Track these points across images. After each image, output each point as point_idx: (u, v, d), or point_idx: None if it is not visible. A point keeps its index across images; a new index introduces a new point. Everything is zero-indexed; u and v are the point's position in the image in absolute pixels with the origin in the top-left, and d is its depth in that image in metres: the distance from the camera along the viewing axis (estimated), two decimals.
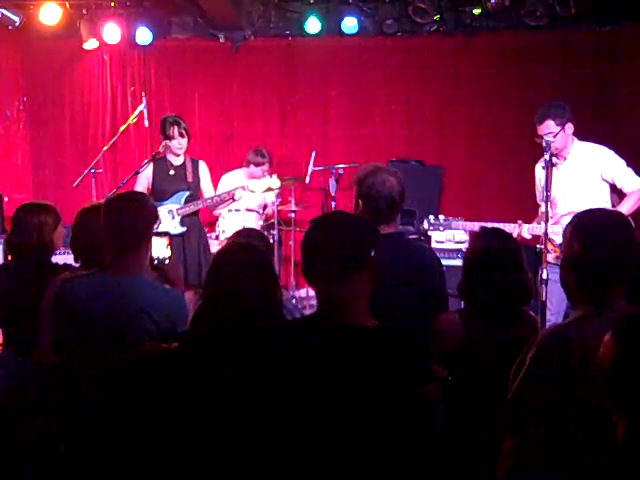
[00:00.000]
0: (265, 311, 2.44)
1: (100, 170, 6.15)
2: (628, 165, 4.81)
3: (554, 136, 4.64)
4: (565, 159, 4.85)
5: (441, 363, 2.77)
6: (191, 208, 5.57)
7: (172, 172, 5.68)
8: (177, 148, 5.65)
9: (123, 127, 6.29)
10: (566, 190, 4.81)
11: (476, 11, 7.33)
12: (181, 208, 5.55)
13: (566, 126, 4.73)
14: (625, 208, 4.59)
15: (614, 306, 2.18)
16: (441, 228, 4.93)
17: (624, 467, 1.62)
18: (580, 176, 4.79)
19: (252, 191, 5.78)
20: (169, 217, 5.47)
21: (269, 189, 5.90)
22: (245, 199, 6.83)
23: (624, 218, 2.47)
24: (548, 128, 4.71)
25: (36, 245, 3.55)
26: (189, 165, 5.70)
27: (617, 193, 4.82)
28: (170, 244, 3.25)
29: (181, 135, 5.64)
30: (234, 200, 5.85)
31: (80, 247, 3.26)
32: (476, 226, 4.79)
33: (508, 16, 7.30)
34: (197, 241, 5.70)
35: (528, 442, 2.16)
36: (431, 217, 4.95)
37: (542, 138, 4.65)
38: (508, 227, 4.72)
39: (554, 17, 7.05)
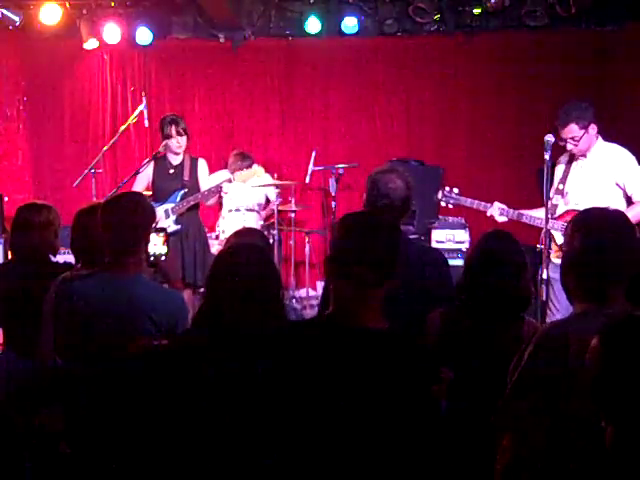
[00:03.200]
0: (268, 311, 2.44)
1: (100, 170, 6.16)
2: None
3: (578, 139, 4.61)
4: (585, 157, 4.76)
5: None
6: (184, 205, 5.57)
7: (172, 171, 5.69)
8: (176, 147, 5.65)
9: (123, 127, 6.29)
10: (579, 187, 4.74)
11: (476, 11, 7.33)
12: (175, 206, 5.55)
13: (589, 127, 4.64)
14: (629, 216, 4.48)
15: (613, 304, 2.18)
16: (451, 201, 4.90)
17: (612, 472, 1.61)
18: (595, 176, 4.71)
19: (237, 180, 5.69)
20: (164, 216, 5.47)
21: (252, 175, 5.83)
22: (243, 196, 6.85)
23: (625, 217, 2.47)
24: (571, 132, 4.63)
25: (40, 245, 3.54)
26: (187, 164, 5.69)
27: (628, 201, 4.72)
28: (167, 240, 3.25)
29: (179, 134, 5.63)
30: (222, 192, 5.74)
31: (80, 247, 3.26)
32: (475, 204, 4.82)
33: (508, 16, 7.30)
34: (195, 240, 5.68)
35: (526, 438, 2.16)
36: (447, 188, 4.93)
37: (566, 141, 4.63)
38: (483, 206, 4.80)
39: (554, 17, 7.05)
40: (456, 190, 4.89)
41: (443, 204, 4.98)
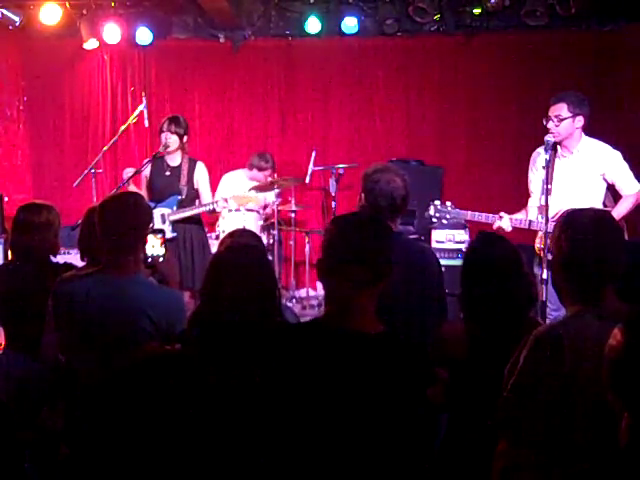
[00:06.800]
0: (264, 312, 2.44)
1: (100, 170, 6.16)
2: (630, 167, 4.80)
3: (561, 120, 4.65)
4: (571, 153, 4.78)
5: (450, 372, 2.68)
6: (180, 215, 5.53)
7: (168, 173, 5.64)
8: (162, 141, 5.57)
9: (123, 127, 6.29)
10: (565, 185, 4.76)
11: (476, 11, 7.34)
12: (172, 214, 5.51)
13: (576, 118, 4.69)
14: (619, 211, 4.60)
15: (605, 304, 2.18)
16: (447, 216, 4.70)
17: (626, 463, 1.61)
18: (582, 173, 4.75)
19: (234, 202, 5.76)
20: (160, 220, 5.43)
21: (249, 200, 5.87)
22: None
23: (611, 217, 2.48)
24: (559, 110, 4.69)
25: (40, 245, 3.54)
26: (185, 166, 5.61)
27: (612, 194, 4.80)
28: (164, 242, 3.24)
29: (170, 131, 5.55)
30: (215, 211, 5.78)
31: (87, 246, 3.27)
32: (482, 217, 4.73)
33: (508, 16, 7.31)
34: (192, 244, 5.65)
35: (522, 441, 2.15)
36: (437, 202, 4.69)
37: (548, 120, 4.66)
38: (490, 218, 4.72)
39: (554, 17, 7.06)
40: (449, 204, 4.68)
41: (435, 221, 4.73)
